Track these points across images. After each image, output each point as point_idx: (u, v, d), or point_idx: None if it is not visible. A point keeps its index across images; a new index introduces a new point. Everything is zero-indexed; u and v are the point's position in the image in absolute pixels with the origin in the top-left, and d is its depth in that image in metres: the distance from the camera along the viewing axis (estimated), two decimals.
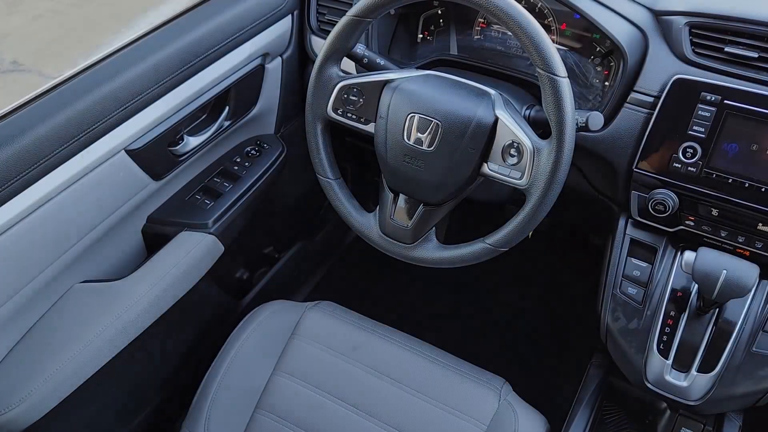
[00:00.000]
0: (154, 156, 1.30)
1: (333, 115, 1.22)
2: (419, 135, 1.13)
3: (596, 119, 1.13)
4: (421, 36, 1.50)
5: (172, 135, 1.34)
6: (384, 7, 1.11)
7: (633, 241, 1.29)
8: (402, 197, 1.21)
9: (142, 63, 1.22)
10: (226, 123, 1.47)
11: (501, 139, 1.10)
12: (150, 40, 1.28)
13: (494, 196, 1.42)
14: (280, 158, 1.57)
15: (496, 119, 1.10)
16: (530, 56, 1.04)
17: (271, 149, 1.57)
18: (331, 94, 1.20)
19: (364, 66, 1.27)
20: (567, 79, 1.03)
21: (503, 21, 1.04)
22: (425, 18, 1.48)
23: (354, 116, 1.21)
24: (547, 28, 1.35)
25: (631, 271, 1.27)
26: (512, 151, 1.09)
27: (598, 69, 1.32)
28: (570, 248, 2.15)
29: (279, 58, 1.55)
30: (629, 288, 1.26)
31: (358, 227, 1.26)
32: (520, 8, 1.03)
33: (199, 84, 1.34)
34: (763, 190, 1.11)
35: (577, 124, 1.14)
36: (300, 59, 1.62)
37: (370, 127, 1.20)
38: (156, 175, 1.33)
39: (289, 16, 1.54)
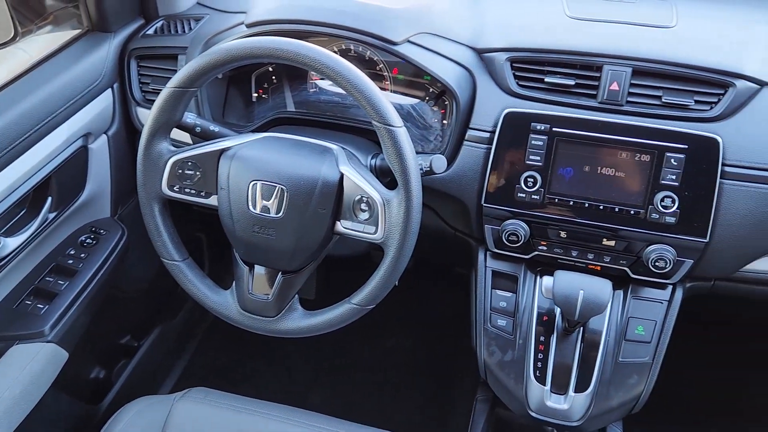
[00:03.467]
0: None
1: (169, 192, 1.13)
2: (265, 202, 1.08)
3: (439, 162, 1.14)
4: (255, 95, 1.45)
5: None
6: (205, 75, 1.05)
7: (495, 273, 1.30)
8: (258, 268, 1.14)
9: None
10: (51, 215, 1.32)
11: (350, 196, 1.08)
12: None
13: (355, 249, 1.39)
14: (121, 243, 1.44)
15: (342, 175, 1.07)
16: (364, 110, 1.02)
17: (109, 235, 1.44)
18: (164, 171, 1.12)
19: (198, 135, 1.20)
20: (403, 128, 1.03)
21: (332, 78, 1.02)
22: (257, 77, 1.44)
23: (193, 191, 1.13)
24: (380, 76, 1.35)
25: (497, 303, 1.28)
26: (363, 206, 1.07)
27: (435, 109, 1.34)
28: (440, 282, 2.17)
29: (104, 136, 1.44)
30: (498, 320, 1.27)
31: (215, 307, 1.17)
32: (347, 64, 1.02)
33: (10, 178, 1.19)
34: (601, 207, 1.17)
35: (422, 169, 1.15)
36: (128, 134, 1.50)
37: (212, 200, 1.13)
38: None
39: (109, 90, 1.43)
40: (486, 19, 1.34)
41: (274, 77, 1.43)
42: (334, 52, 1.33)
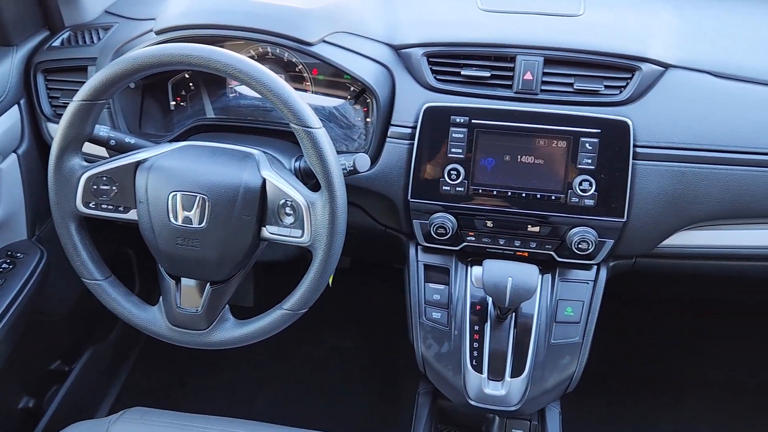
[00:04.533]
0: None
1: (85, 210, 1.09)
2: (186, 213, 1.05)
3: (363, 161, 1.14)
4: (173, 104, 1.41)
5: None
6: (113, 86, 1.02)
7: (427, 267, 1.31)
8: (185, 281, 1.12)
9: None
10: None
11: (273, 200, 1.06)
12: None
13: (288, 253, 1.38)
14: (41, 265, 1.38)
15: (264, 180, 1.06)
16: (281, 112, 1.01)
17: (27, 258, 1.38)
18: (77, 187, 1.08)
19: (113, 149, 1.16)
20: (323, 129, 1.02)
21: (245, 82, 1.00)
22: (174, 84, 1.40)
23: (110, 207, 1.09)
24: (300, 77, 1.34)
25: (431, 296, 1.29)
26: (287, 210, 1.06)
27: (357, 108, 1.34)
28: (377, 280, 2.17)
29: (13, 155, 1.37)
30: (433, 313, 1.28)
31: (143, 324, 1.14)
32: (260, 67, 1.01)
33: None
34: (524, 195, 1.20)
35: (345, 169, 1.14)
36: (40, 151, 1.44)
37: (131, 215, 1.10)
38: None
39: (16, 106, 1.36)
40: (401, 14, 1.34)
41: (191, 84, 1.40)
42: (251, 55, 1.32)
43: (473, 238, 1.26)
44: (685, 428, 1.87)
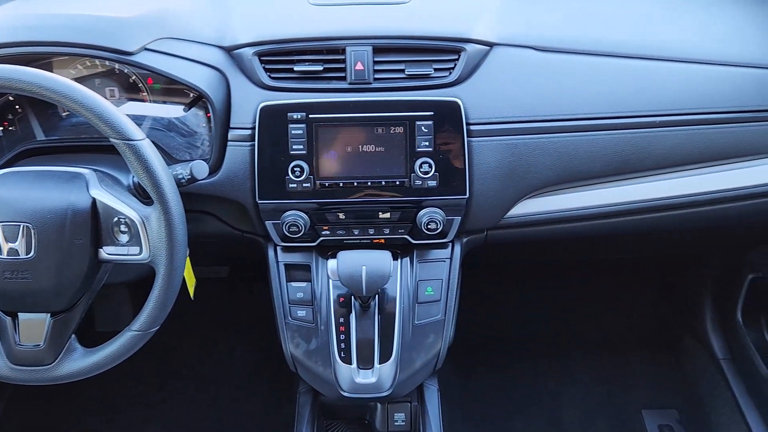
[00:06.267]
0: None
1: None
2: (11, 245, 0.99)
3: (200, 168, 1.12)
4: (1, 129, 1.32)
5: None
6: None
7: (287, 266, 1.31)
8: (23, 316, 1.06)
9: None
10: None
11: (106, 219, 1.03)
12: None
13: (140, 271, 1.33)
14: None
15: (94, 200, 1.02)
16: (97, 128, 0.97)
17: None
18: None
19: None
20: (146, 141, 0.99)
21: (55, 100, 0.96)
22: None
23: None
24: (135, 88, 1.29)
25: (294, 294, 1.29)
26: (122, 228, 1.02)
27: (199, 114, 1.30)
28: (255, 285, 2.15)
29: None
30: (298, 311, 1.28)
31: None
32: (68, 82, 0.96)
33: None
34: (369, 184, 1.21)
35: (183, 178, 1.12)
36: None
37: None
38: None
39: None
40: (230, 14, 1.32)
41: (17, 106, 1.31)
42: (78, 70, 1.26)
43: (328, 232, 1.27)
44: (568, 383, 1.98)
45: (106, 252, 1.04)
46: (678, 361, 2.03)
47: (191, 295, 1.33)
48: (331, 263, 1.18)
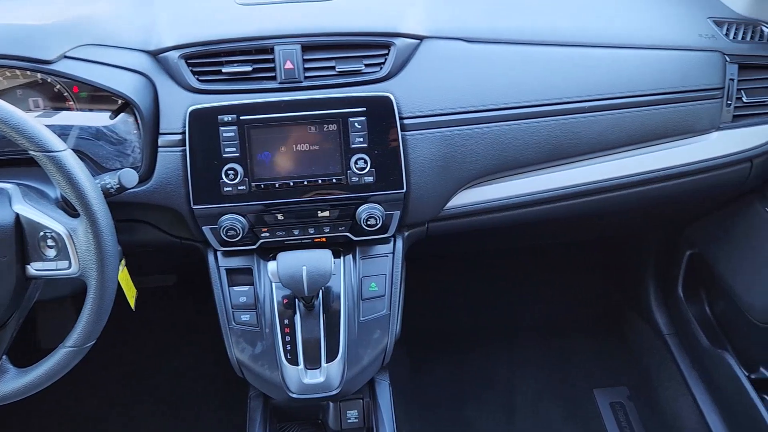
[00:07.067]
0: None
1: None
2: None
3: (128, 176, 1.10)
4: None
5: None
6: None
7: (229, 271, 1.29)
8: None
9: None
10: None
11: (32, 234, 0.99)
12: None
13: (75, 286, 1.29)
14: None
15: (17, 215, 0.98)
16: (15, 141, 0.94)
17: None
18: None
19: None
20: (68, 151, 0.96)
21: None
22: None
23: None
24: (61, 97, 1.25)
25: (237, 299, 1.27)
26: (48, 242, 0.99)
27: (129, 121, 1.27)
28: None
29: None
30: (242, 316, 1.26)
31: None
32: None
33: None
34: (305, 183, 1.20)
35: (112, 188, 1.09)
36: None
37: None
38: None
39: None
40: (155, 18, 1.29)
41: None
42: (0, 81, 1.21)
43: (268, 234, 1.25)
44: (520, 368, 2.01)
45: (34, 268, 1.00)
46: (625, 339, 2.09)
47: (132, 305, 1.30)
48: (271, 265, 1.17)
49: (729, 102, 1.35)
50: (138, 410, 1.92)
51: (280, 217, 1.24)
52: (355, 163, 1.19)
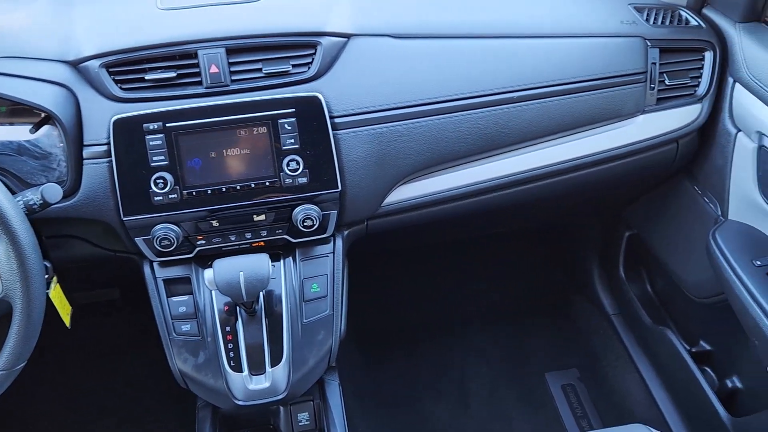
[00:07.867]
0: None
1: None
2: None
3: (51, 191, 1.07)
4: None
5: None
6: None
7: (167, 281, 1.26)
8: None
9: None
10: None
11: None
12: None
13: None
14: None
15: None
16: None
17: None
18: None
19: None
20: None
21: None
22: None
23: None
24: None
25: (177, 309, 1.25)
26: None
27: (53, 134, 1.23)
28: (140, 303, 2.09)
29: None
30: (182, 326, 1.24)
31: None
32: None
33: None
34: (238, 188, 1.19)
35: (35, 204, 1.06)
36: None
37: None
38: None
39: None
40: (73, 26, 1.25)
41: None
42: None
43: (204, 242, 1.23)
44: (473, 356, 2.04)
45: None
46: (573, 322, 2.13)
47: (66, 323, 1.26)
48: (208, 273, 1.15)
49: (652, 86, 1.38)
50: (90, 428, 1.88)
51: (215, 223, 1.22)
52: (288, 164, 1.19)
